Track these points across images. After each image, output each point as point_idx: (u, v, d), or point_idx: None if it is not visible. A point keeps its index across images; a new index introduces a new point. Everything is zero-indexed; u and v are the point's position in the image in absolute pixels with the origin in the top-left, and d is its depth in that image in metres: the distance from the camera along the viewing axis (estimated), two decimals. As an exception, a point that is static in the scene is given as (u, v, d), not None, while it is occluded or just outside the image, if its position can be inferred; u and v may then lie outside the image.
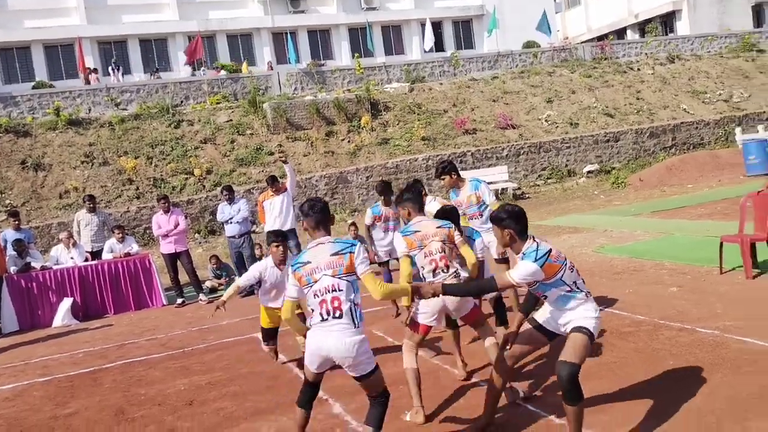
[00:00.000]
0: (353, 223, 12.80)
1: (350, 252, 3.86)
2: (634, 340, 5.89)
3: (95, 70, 24.65)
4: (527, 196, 18.90)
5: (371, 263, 6.84)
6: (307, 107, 20.06)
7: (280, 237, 6.20)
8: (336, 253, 3.86)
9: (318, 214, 4.02)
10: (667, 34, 31.62)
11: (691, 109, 23.32)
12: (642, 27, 34.46)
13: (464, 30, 32.83)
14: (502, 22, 29.43)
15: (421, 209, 5.18)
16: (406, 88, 22.44)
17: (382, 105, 21.30)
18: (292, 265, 4.00)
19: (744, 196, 7.90)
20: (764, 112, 22.78)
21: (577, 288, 3.94)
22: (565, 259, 3.95)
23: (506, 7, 31.13)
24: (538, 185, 19.92)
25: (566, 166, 20.59)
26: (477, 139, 20.66)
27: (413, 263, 4.96)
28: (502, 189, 18.61)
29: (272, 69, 26.16)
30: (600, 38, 33.62)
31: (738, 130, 21.60)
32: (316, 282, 3.83)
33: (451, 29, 32.56)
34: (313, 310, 3.86)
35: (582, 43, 30.19)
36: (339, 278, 3.80)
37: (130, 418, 5.50)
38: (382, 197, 8.07)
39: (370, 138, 19.98)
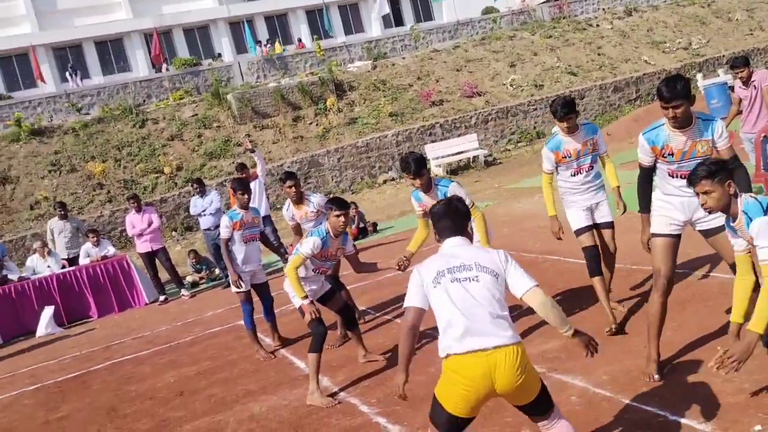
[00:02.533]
0: (352, 202, 12.86)
1: None
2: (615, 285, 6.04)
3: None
4: (499, 161, 19.04)
5: None
6: (272, 94, 19.94)
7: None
8: None
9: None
10: (623, -12, 31.76)
11: (652, 60, 23.55)
12: (598, -17, 34.53)
13: (422, 2, 32.71)
14: (459, -10, 29.37)
15: None
16: (369, 65, 22.37)
17: (347, 85, 21.22)
18: None
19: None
20: (723, 56, 23.09)
21: None
22: None
23: (461, -25, 31.01)
24: (509, 150, 20.05)
25: (534, 128, 20.74)
26: (444, 110, 20.71)
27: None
28: (474, 157, 18.73)
29: (233, 58, 25.88)
30: (557, -2, 33.64)
31: (699, 76, 21.89)
32: None
33: (410, 2, 32.42)
34: None
35: (540, 4, 30.23)
36: None
37: (123, 414, 5.55)
38: (243, 195, 6.28)
39: (337, 119, 19.94)
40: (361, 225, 12.42)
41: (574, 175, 5.13)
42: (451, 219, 3.14)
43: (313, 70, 22.73)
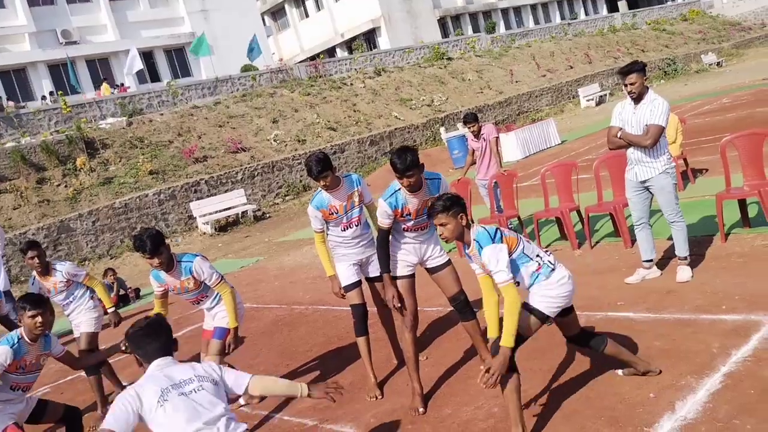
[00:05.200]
0: (110, 268, 12.09)
1: None
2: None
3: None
4: (268, 215, 19.09)
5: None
6: (10, 155, 17.90)
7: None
8: None
9: None
10: (371, 50, 34.33)
11: (401, 115, 25.61)
12: (349, 45, 36.98)
13: (179, 58, 32.10)
14: (217, 48, 29.38)
15: None
16: (124, 122, 21.21)
17: (99, 143, 19.85)
18: None
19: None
20: (460, 111, 25.90)
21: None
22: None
23: (218, 33, 31.12)
24: (277, 203, 20.23)
25: (301, 181, 21.21)
26: (209, 166, 20.31)
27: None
28: (243, 212, 18.56)
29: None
30: (313, 58, 35.32)
31: (442, 129, 24.31)
32: None
33: (165, 58, 31.62)
34: None
35: (297, 63, 31.40)
36: None
37: None
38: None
39: (90, 179, 18.49)
40: (122, 292, 11.54)
41: (345, 230, 4.93)
42: (158, 339, 3.15)
43: (59, 128, 20.90)
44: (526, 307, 3.65)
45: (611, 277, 5.97)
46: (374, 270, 5.03)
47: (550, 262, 3.72)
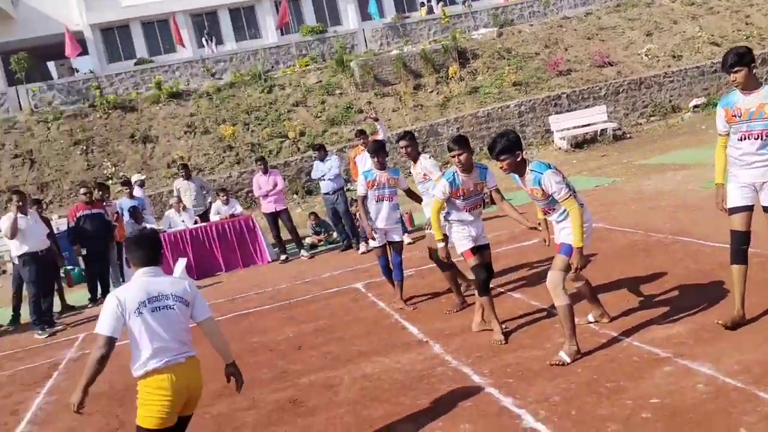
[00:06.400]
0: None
1: None
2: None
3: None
4: (629, 135, 18.09)
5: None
6: (394, 62, 19.98)
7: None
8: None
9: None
10: (780, -51, 28.78)
11: (810, 29, 21.31)
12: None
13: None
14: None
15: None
16: (495, 33, 21.82)
17: (470, 53, 20.86)
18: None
19: None
20: None
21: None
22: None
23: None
24: (640, 123, 18.98)
25: (670, 101, 19.46)
26: (572, 80, 19.88)
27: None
28: (602, 130, 17.91)
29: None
30: (703, -39, 31.03)
31: None
32: None
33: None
34: None
35: (683, -32, 28.03)
36: None
37: (245, 363, 5.83)
38: (375, 158, 6.67)
39: (459, 88, 19.69)
40: (479, 196, 12.25)
41: (741, 140, 4.50)
42: (146, 250, 3.48)
43: (436, 38, 22.51)
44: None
45: None
46: (766, 199, 4.50)
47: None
